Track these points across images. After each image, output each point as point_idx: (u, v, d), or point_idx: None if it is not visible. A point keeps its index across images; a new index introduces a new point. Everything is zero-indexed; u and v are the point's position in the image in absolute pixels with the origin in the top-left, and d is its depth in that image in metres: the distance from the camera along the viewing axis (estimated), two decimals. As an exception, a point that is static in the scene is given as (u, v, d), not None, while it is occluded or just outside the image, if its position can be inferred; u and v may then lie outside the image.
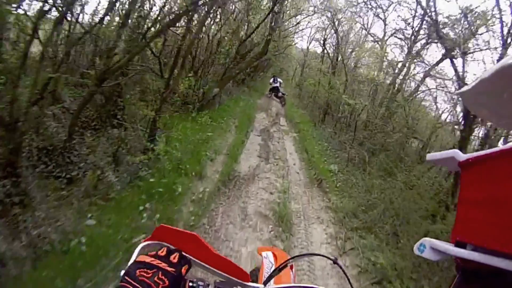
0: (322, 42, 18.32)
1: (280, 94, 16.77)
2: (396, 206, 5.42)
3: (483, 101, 0.51)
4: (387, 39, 14.99)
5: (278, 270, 1.15)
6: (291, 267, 1.31)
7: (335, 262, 1.06)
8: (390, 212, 5.33)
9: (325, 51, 18.24)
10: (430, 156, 0.59)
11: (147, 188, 4.19)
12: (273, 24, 8.88)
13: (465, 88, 0.49)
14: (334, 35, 17.50)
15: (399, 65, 14.17)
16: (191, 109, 7.88)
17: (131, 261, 0.74)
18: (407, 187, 6.44)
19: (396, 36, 14.81)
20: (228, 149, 7.11)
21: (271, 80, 17.73)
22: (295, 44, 20.30)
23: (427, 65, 12.18)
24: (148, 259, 0.72)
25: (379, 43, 14.75)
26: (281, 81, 17.66)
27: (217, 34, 8.34)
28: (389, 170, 7.42)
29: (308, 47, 29.00)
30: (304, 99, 21.81)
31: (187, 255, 0.81)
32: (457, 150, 0.53)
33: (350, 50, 17.31)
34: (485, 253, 0.43)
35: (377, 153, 8.72)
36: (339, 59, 16.46)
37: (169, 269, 0.70)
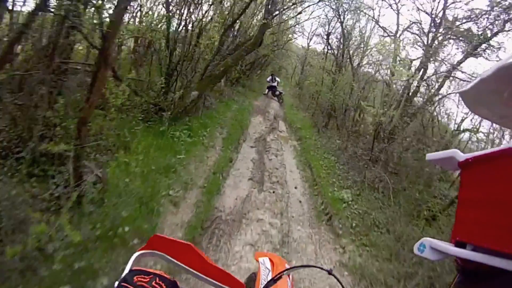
0: (325, 37, 16.39)
1: (277, 93, 16.13)
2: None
3: (483, 100, 0.50)
4: (400, 35, 13.15)
5: (273, 281, 1.06)
6: (289, 275, 1.18)
7: (330, 273, 1.01)
8: None
9: (329, 47, 16.30)
10: (430, 156, 0.58)
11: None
12: (269, 6, 6.96)
13: (465, 88, 0.49)
14: (339, 28, 15.62)
15: (414, 65, 12.42)
16: (164, 120, 5.99)
17: (126, 270, 0.75)
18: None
19: (410, 31, 13.05)
20: (207, 178, 5.21)
21: (269, 79, 16.73)
22: (295, 38, 18.22)
23: (449, 64, 10.34)
24: (144, 268, 0.74)
25: (391, 38, 12.89)
26: (279, 80, 16.99)
27: (199, 22, 6.42)
28: (423, 209, 5.59)
29: (308, 44, 27.14)
30: (305, 100, 19.94)
31: (182, 264, 0.85)
32: (457, 150, 0.53)
33: (356, 46, 15.41)
34: (485, 253, 0.43)
35: (401, 176, 6.90)
36: (344, 55, 14.58)
37: (166, 275, 0.72)
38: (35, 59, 3.28)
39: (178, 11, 6.47)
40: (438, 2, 10.13)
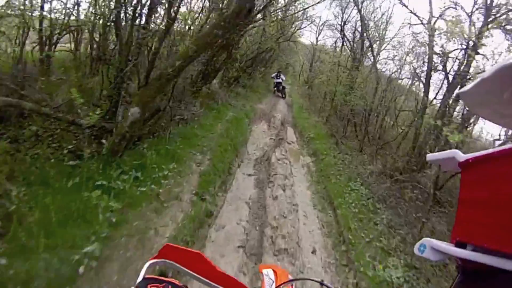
0: (339, 27, 13.63)
1: (280, 87, 15.25)
2: None
3: (484, 100, 0.49)
4: (435, 22, 10.34)
5: None
6: (292, 286, 1.17)
7: (321, 283, 1.01)
8: None
9: (344, 39, 13.52)
10: (430, 156, 0.58)
11: None
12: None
13: (465, 88, 0.48)
14: (355, 17, 12.87)
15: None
16: (105, 152, 3.46)
17: (140, 278, 0.75)
18: None
19: (444, 18, 10.29)
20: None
21: (274, 75, 15.60)
22: (304, 28, 15.40)
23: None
24: (157, 276, 0.74)
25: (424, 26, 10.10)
26: (284, 78, 15.83)
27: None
28: None
29: (317, 38, 24.31)
30: (316, 100, 17.25)
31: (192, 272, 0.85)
32: (457, 151, 0.52)
33: (378, 37, 12.61)
34: (485, 253, 0.42)
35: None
36: (364, 48, 11.85)
37: (177, 283, 0.73)
38: None
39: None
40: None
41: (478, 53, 7.29)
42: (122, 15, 4.23)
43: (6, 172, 3.12)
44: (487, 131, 7.85)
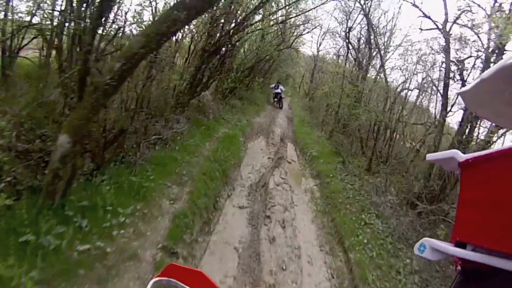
0: (344, 34, 12.76)
1: (279, 97, 15.07)
2: None
3: (484, 100, 0.50)
4: (451, 27, 9.44)
5: None
6: None
7: None
8: None
9: (349, 46, 12.64)
10: (430, 156, 0.57)
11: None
12: None
13: (465, 88, 0.48)
14: (362, 22, 12.02)
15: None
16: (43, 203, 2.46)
17: None
18: None
19: (460, 23, 9.46)
20: None
21: (273, 86, 15.32)
22: (306, 33, 14.50)
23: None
24: None
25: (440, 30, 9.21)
26: (283, 89, 15.65)
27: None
28: None
29: (318, 48, 23.57)
30: (317, 113, 16.32)
31: None
32: (457, 151, 0.52)
33: (386, 44, 11.73)
34: (485, 253, 0.43)
35: None
36: (372, 56, 10.95)
37: None
38: None
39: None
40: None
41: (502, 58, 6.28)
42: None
43: None
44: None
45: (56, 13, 4.01)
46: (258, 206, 4.85)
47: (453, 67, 8.76)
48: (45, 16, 4.44)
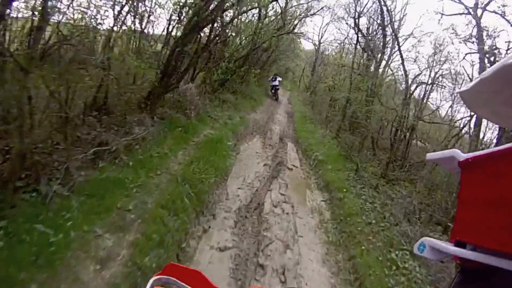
0: (353, 20, 11.15)
1: (275, 89, 14.35)
2: None
3: (483, 100, 0.49)
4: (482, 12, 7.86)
5: None
6: None
7: None
8: None
9: (359, 35, 11.03)
10: (430, 155, 0.57)
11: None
12: None
13: (465, 88, 0.48)
14: (373, 7, 10.43)
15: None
16: None
17: None
18: None
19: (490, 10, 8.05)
20: None
21: (270, 79, 14.48)
22: (311, 15, 12.80)
23: None
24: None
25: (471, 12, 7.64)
26: (280, 79, 14.94)
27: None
28: None
29: (320, 39, 21.89)
30: (320, 108, 14.77)
31: None
32: (457, 150, 0.52)
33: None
34: (484, 252, 0.42)
35: None
36: (387, 46, 9.38)
37: None
38: None
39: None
40: None
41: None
42: None
43: None
44: None
45: None
46: (248, 245, 3.35)
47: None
48: None
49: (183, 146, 4.70)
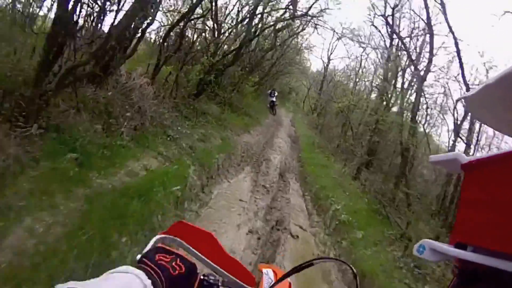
0: (383, 18, 8.58)
1: (272, 104, 13.84)
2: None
3: (487, 106, 0.48)
4: None
5: (276, 282, 0.97)
6: (290, 286, 1.08)
7: (352, 269, 0.80)
8: None
9: (393, 37, 8.41)
10: (433, 157, 0.54)
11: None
12: None
13: (469, 93, 0.46)
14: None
15: None
16: None
17: (147, 248, 0.74)
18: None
19: None
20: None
21: (269, 92, 13.90)
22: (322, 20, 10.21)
23: None
24: (167, 247, 0.73)
25: None
26: (276, 93, 14.19)
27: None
28: None
29: (329, 56, 19.51)
30: (331, 132, 12.08)
31: (199, 254, 0.85)
32: (460, 153, 0.50)
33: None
34: (485, 254, 0.41)
35: None
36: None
37: (186, 257, 0.71)
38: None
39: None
40: None
41: None
42: None
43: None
44: None
45: None
46: None
47: None
48: None
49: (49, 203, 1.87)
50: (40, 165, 2.22)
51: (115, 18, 3.44)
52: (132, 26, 3.69)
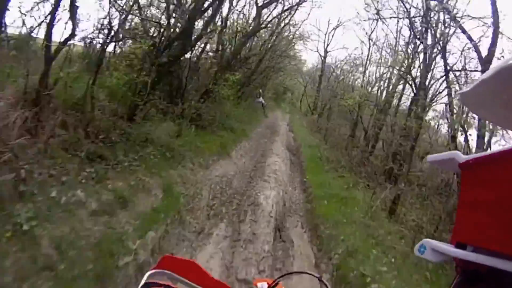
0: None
1: (262, 105, 13.65)
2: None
3: (484, 101, 0.48)
4: None
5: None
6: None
7: (319, 279, 0.98)
8: None
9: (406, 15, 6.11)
10: (431, 157, 0.56)
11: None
12: None
13: (466, 89, 0.46)
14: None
15: None
16: None
17: (141, 284, 0.76)
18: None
19: None
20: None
21: (257, 96, 13.48)
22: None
23: None
24: (158, 281, 0.78)
25: None
26: (263, 96, 14.11)
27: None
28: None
29: (326, 48, 17.22)
30: (337, 140, 9.74)
31: (189, 281, 0.86)
32: (457, 152, 0.51)
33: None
34: (485, 254, 0.41)
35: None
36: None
37: (177, 287, 0.75)
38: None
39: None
40: None
41: None
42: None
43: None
44: None
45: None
46: None
47: None
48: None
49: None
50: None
51: None
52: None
